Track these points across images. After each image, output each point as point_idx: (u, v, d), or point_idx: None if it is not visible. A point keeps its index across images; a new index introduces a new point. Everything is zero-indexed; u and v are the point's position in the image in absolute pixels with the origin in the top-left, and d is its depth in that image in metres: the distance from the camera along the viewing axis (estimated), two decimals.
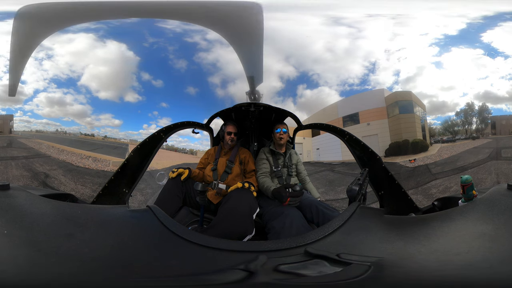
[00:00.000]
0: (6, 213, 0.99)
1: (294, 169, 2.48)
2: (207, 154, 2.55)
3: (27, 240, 0.83)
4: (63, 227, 0.97)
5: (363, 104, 12.50)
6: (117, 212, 1.18)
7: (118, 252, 0.86)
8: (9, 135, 11.11)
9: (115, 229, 1.02)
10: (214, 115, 2.75)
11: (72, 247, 0.83)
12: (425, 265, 0.74)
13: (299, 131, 2.98)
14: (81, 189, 7.68)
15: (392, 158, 10.47)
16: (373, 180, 2.16)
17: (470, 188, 1.28)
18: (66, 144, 11.04)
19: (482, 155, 9.57)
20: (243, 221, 1.69)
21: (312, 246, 0.92)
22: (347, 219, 1.06)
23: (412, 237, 0.98)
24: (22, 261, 0.72)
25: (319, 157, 13.61)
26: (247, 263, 0.79)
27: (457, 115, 11.95)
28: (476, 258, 0.75)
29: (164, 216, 1.08)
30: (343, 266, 0.76)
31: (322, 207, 1.87)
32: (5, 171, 8.04)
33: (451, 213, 1.10)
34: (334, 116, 13.22)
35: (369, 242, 0.97)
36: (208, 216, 2.12)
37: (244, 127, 2.97)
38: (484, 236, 0.86)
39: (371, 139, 11.52)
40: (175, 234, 0.97)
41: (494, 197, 1.13)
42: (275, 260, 0.84)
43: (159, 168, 6.59)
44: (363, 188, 1.46)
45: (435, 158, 10.16)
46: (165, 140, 2.44)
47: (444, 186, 7.46)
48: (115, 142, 12.45)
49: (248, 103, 2.54)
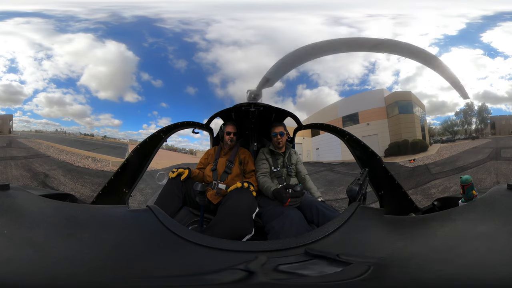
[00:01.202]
0: (6, 213, 0.99)
1: (293, 169, 2.48)
2: (207, 154, 2.55)
3: (27, 240, 0.83)
4: (63, 227, 0.97)
5: (363, 104, 12.52)
6: (117, 212, 1.18)
7: (118, 252, 0.85)
8: (9, 135, 11.11)
9: (115, 229, 1.02)
10: (214, 115, 2.75)
11: (72, 247, 0.83)
12: (425, 265, 0.74)
13: (299, 131, 2.97)
14: (80, 189, 7.68)
15: (392, 158, 10.50)
16: (373, 180, 2.16)
17: (470, 188, 1.28)
18: (65, 144, 11.04)
19: (482, 155, 9.59)
20: (243, 221, 1.69)
21: (312, 246, 0.91)
22: (347, 219, 1.06)
23: (412, 237, 0.98)
24: (22, 260, 0.72)
25: (319, 157, 13.64)
26: (247, 263, 0.79)
27: (456, 115, 11.97)
28: (476, 258, 0.75)
29: (164, 216, 1.08)
30: (343, 266, 0.76)
31: (322, 207, 1.87)
32: (4, 171, 8.04)
33: (451, 213, 1.10)
34: (334, 116, 13.24)
35: (369, 242, 0.97)
36: (208, 216, 2.11)
37: (244, 127, 2.97)
38: (484, 236, 0.86)
39: (371, 139, 11.54)
40: (175, 234, 0.97)
41: (494, 197, 1.13)
42: (275, 260, 0.84)
43: (159, 168, 6.59)
44: (363, 188, 1.46)
45: (434, 158, 10.18)
46: (165, 140, 2.44)
47: (443, 186, 7.47)
48: (115, 142, 12.45)
49: (248, 103, 2.53)
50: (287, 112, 2.73)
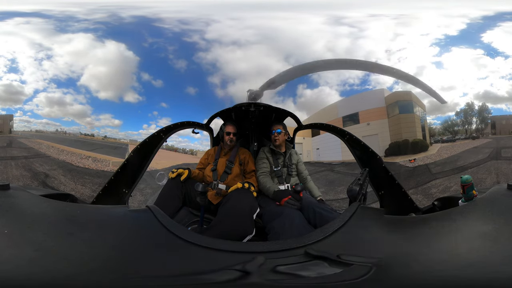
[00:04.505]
0: (6, 213, 0.98)
1: (294, 169, 2.48)
2: (207, 154, 2.55)
3: (27, 240, 0.83)
4: (63, 227, 0.97)
5: (363, 104, 12.51)
6: (117, 212, 1.18)
7: (118, 252, 0.85)
8: (9, 135, 11.12)
9: (115, 229, 1.02)
10: (214, 115, 2.75)
11: (72, 247, 0.83)
12: (425, 265, 0.74)
13: (299, 131, 2.97)
14: (81, 189, 7.69)
15: (392, 158, 10.49)
16: (373, 180, 2.16)
17: (470, 188, 1.28)
18: (66, 144, 11.05)
19: (482, 155, 9.59)
20: (243, 221, 1.69)
21: (312, 246, 0.91)
22: (348, 219, 1.06)
23: (413, 237, 0.98)
24: (22, 260, 0.72)
25: (319, 157, 13.63)
26: (245, 264, 0.79)
27: (457, 115, 11.97)
28: (476, 258, 0.75)
29: (164, 216, 1.08)
30: (343, 267, 0.76)
31: (320, 209, 1.86)
32: (5, 171, 8.05)
33: (451, 213, 1.10)
34: (334, 116, 13.23)
35: (370, 242, 0.97)
36: (208, 216, 2.11)
37: (244, 127, 2.96)
38: (484, 236, 0.86)
39: (371, 139, 11.53)
40: (174, 234, 0.97)
41: (494, 197, 1.13)
42: (274, 261, 0.84)
43: (159, 168, 6.59)
44: (363, 188, 1.46)
45: (435, 158, 10.18)
46: (165, 140, 2.44)
47: (444, 186, 7.47)
48: (115, 142, 12.45)
49: (248, 103, 2.53)
50: (287, 112, 2.73)
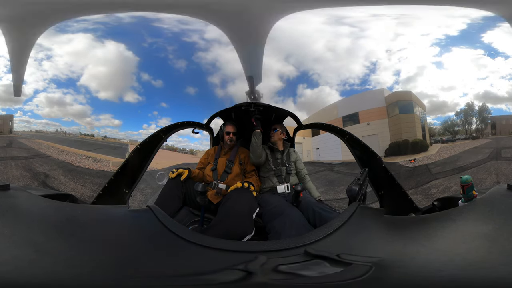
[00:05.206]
0: (6, 213, 0.99)
1: (293, 167, 2.48)
2: (207, 154, 2.56)
3: (27, 240, 0.83)
4: (64, 227, 0.97)
5: (363, 104, 12.49)
6: (117, 212, 1.18)
7: (118, 252, 0.85)
8: (9, 135, 11.11)
9: (115, 229, 1.02)
10: (214, 115, 2.75)
11: (72, 247, 0.83)
12: (425, 265, 0.74)
13: (299, 131, 2.97)
14: (81, 189, 7.69)
15: (392, 158, 10.48)
16: (373, 180, 2.16)
17: (470, 188, 1.28)
18: (66, 144, 11.04)
19: (482, 155, 9.58)
20: (243, 221, 1.69)
21: (312, 246, 0.91)
22: (347, 219, 1.06)
23: (412, 237, 0.98)
24: (22, 261, 0.72)
25: (319, 157, 13.61)
26: (246, 263, 0.79)
27: (457, 115, 11.95)
28: (476, 258, 0.75)
29: (164, 216, 1.08)
30: (343, 266, 0.76)
31: (319, 209, 1.86)
32: (5, 171, 8.04)
33: (451, 213, 1.10)
34: (334, 116, 13.21)
35: (369, 242, 0.97)
36: (208, 216, 2.12)
37: (244, 127, 2.97)
38: (484, 236, 0.86)
39: (371, 139, 11.52)
40: (175, 234, 0.97)
41: (494, 197, 1.13)
42: (274, 261, 0.84)
43: (159, 168, 6.59)
44: (363, 188, 1.46)
45: (435, 158, 10.16)
46: (165, 140, 2.44)
47: (444, 186, 7.46)
48: (115, 142, 12.44)
49: (248, 103, 2.54)
50: (287, 112, 2.73)
